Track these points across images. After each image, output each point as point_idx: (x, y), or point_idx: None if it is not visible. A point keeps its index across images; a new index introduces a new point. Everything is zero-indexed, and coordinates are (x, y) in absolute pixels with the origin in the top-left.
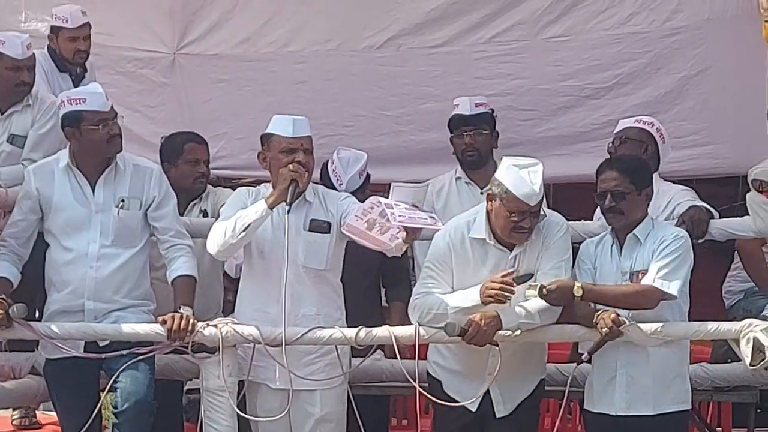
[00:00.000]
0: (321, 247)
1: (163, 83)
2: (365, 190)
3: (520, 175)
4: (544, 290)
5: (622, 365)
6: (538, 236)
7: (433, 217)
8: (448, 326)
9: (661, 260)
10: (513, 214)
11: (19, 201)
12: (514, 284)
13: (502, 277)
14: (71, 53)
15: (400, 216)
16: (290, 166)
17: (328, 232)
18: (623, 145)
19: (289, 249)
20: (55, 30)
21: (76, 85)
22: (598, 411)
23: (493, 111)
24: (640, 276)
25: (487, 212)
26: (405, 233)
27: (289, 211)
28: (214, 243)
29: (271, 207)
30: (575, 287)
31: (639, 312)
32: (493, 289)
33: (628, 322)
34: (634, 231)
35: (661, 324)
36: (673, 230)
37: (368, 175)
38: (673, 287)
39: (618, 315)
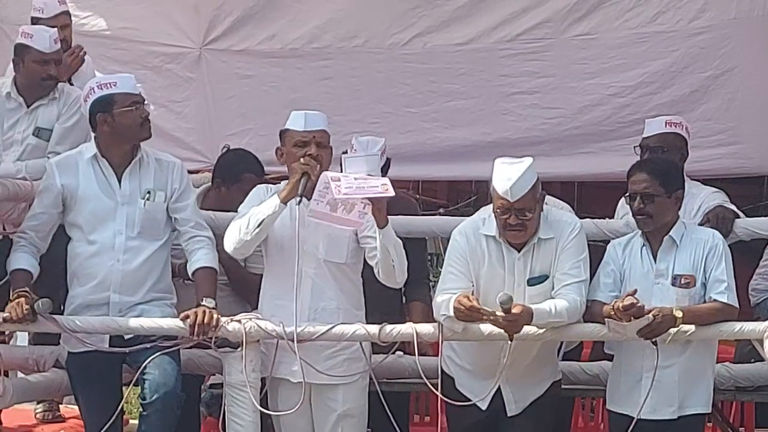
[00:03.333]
0: (341, 241)
1: (189, 78)
2: (386, 172)
3: (501, 170)
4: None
5: (648, 369)
6: (550, 237)
7: (384, 184)
8: (504, 298)
9: (718, 272)
10: (499, 210)
11: (40, 194)
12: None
13: (471, 305)
14: None
15: (346, 188)
16: (302, 159)
17: None
18: (664, 155)
19: (308, 243)
20: (33, 21)
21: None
22: (623, 412)
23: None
24: (683, 280)
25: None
26: (371, 205)
27: (299, 203)
28: (230, 241)
29: (284, 201)
30: (674, 309)
31: None
32: (463, 307)
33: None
34: (670, 233)
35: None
36: (709, 232)
37: (389, 159)
38: (735, 301)
39: (621, 299)
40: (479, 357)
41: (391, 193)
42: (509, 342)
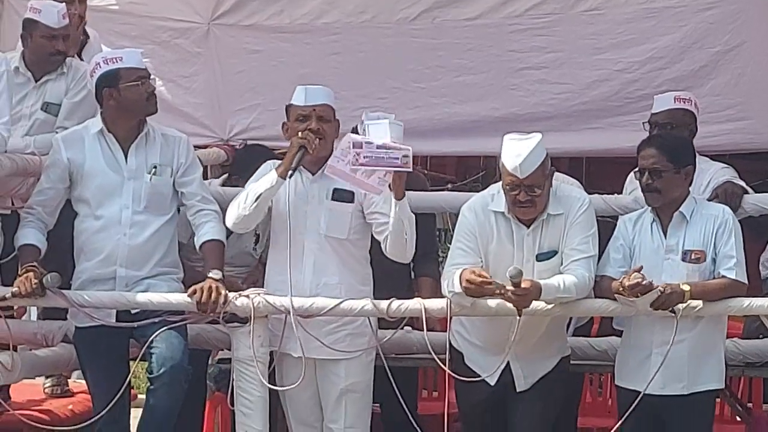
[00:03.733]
0: (343, 217)
1: (197, 53)
2: None
3: (510, 147)
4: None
5: (658, 344)
6: (559, 213)
7: (406, 156)
8: (514, 272)
9: (728, 248)
10: (508, 187)
11: (47, 169)
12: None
13: (482, 279)
14: None
15: (365, 157)
16: (300, 133)
17: (351, 202)
18: (673, 131)
19: (310, 218)
20: None
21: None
22: (631, 388)
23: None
24: (693, 256)
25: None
26: (392, 173)
27: (291, 176)
28: (230, 216)
29: (281, 176)
30: (682, 284)
31: None
32: (472, 283)
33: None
34: (680, 209)
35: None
36: (719, 208)
37: None
38: (744, 277)
39: (627, 277)
40: (488, 332)
41: (409, 168)
42: (518, 317)
